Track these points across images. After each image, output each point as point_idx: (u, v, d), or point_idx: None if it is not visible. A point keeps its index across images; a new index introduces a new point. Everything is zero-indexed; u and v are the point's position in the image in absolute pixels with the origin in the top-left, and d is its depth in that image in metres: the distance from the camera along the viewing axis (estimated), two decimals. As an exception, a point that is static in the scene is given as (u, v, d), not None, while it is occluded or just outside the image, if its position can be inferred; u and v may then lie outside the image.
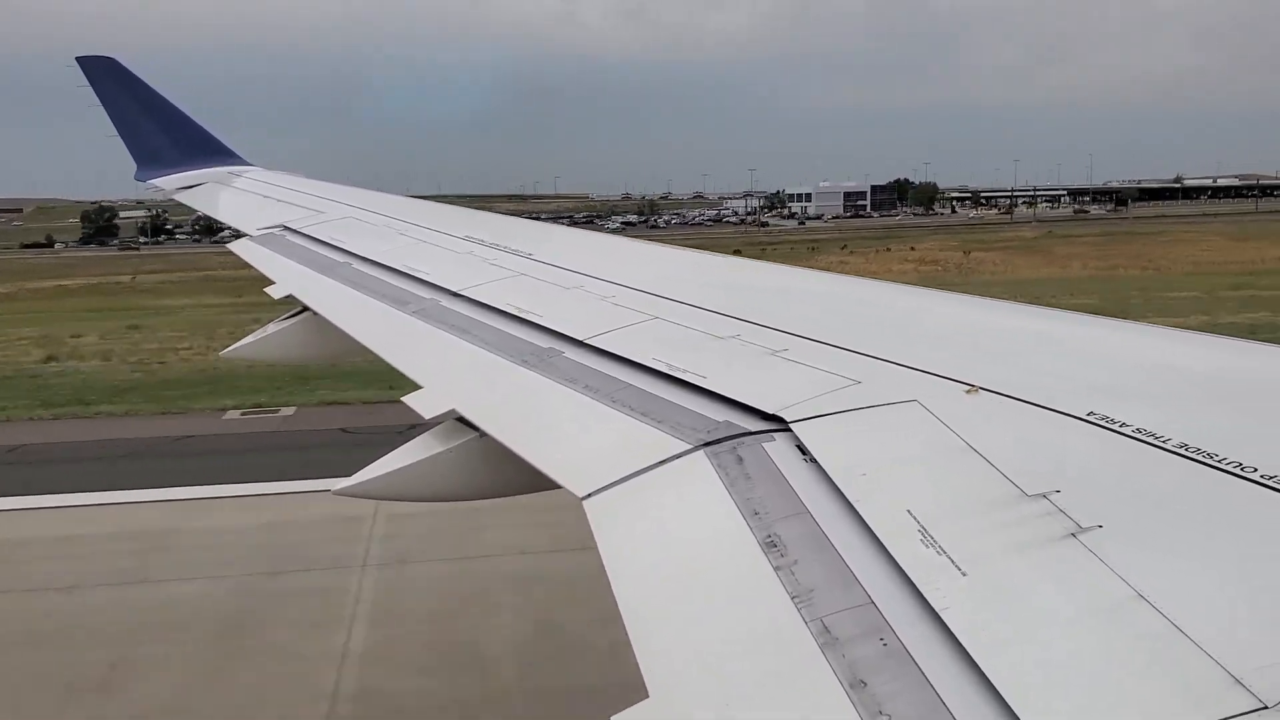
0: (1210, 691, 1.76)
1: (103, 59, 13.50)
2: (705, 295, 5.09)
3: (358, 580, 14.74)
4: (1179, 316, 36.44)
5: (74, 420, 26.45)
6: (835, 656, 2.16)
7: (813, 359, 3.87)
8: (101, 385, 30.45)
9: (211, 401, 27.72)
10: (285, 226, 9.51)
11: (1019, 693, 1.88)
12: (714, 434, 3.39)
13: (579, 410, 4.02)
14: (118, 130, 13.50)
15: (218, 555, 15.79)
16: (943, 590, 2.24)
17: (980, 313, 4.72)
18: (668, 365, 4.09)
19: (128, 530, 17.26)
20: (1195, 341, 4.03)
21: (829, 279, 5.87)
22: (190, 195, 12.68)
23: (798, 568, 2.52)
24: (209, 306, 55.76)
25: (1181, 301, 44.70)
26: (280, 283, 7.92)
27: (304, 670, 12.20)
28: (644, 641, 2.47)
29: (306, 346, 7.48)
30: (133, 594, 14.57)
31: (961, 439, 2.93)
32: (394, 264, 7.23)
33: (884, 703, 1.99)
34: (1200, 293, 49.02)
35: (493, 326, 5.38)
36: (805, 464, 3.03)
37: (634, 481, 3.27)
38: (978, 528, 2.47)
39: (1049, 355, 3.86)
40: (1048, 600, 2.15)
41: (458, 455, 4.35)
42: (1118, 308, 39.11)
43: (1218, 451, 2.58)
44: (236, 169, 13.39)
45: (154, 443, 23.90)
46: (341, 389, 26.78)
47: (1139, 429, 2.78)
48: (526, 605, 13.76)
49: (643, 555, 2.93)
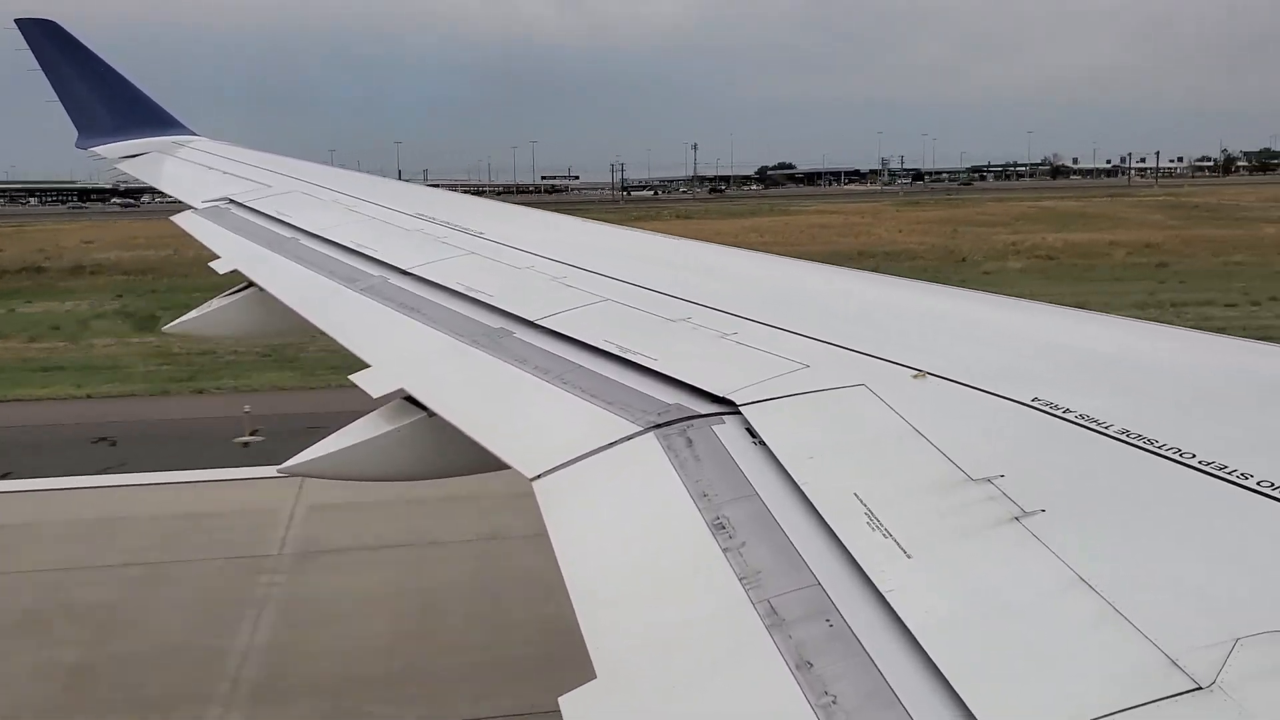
0: (1149, 672, 1.79)
1: (43, 22, 13.14)
2: (657, 277, 5.09)
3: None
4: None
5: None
6: (782, 637, 2.18)
7: (762, 342, 3.89)
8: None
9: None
10: (231, 200, 9.34)
11: (962, 674, 1.91)
12: (664, 416, 3.39)
13: (529, 391, 4.01)
14: (58, 96, 13.16)
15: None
16: (888, 573, 2.26)
17: (929, 298, 4.76)
18: (619, 347, 4.08)
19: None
20: (1138, 331, 4.11)
21: (780, 263, 5.88)
22: (133, 165, 12.40)
23: (746, 549, 2.54)
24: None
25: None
26: (225, 257, 7.79)
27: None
28: (592, 622, 2.47)
29: (252, 323, 7.37)
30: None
31: (908, 423, 2.96)
32: (343, 240, 7.14)
33: (830, 683, 2.01)
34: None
35: (443, 305, 5.33)
36: (754, 447, 3.05)
37: (584, 463, 3.26)
38: (923, 511, 2.50)
39: (995, 342, 3.91)
40: (991, 583, 2.19)
41: (406, 435, 4.32)
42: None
43: (1157, 438, 2.63)
44: (181, 138, 13.12)
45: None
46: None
47: (1081, 415, 2.83)
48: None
49: (592, 536, 2.93)
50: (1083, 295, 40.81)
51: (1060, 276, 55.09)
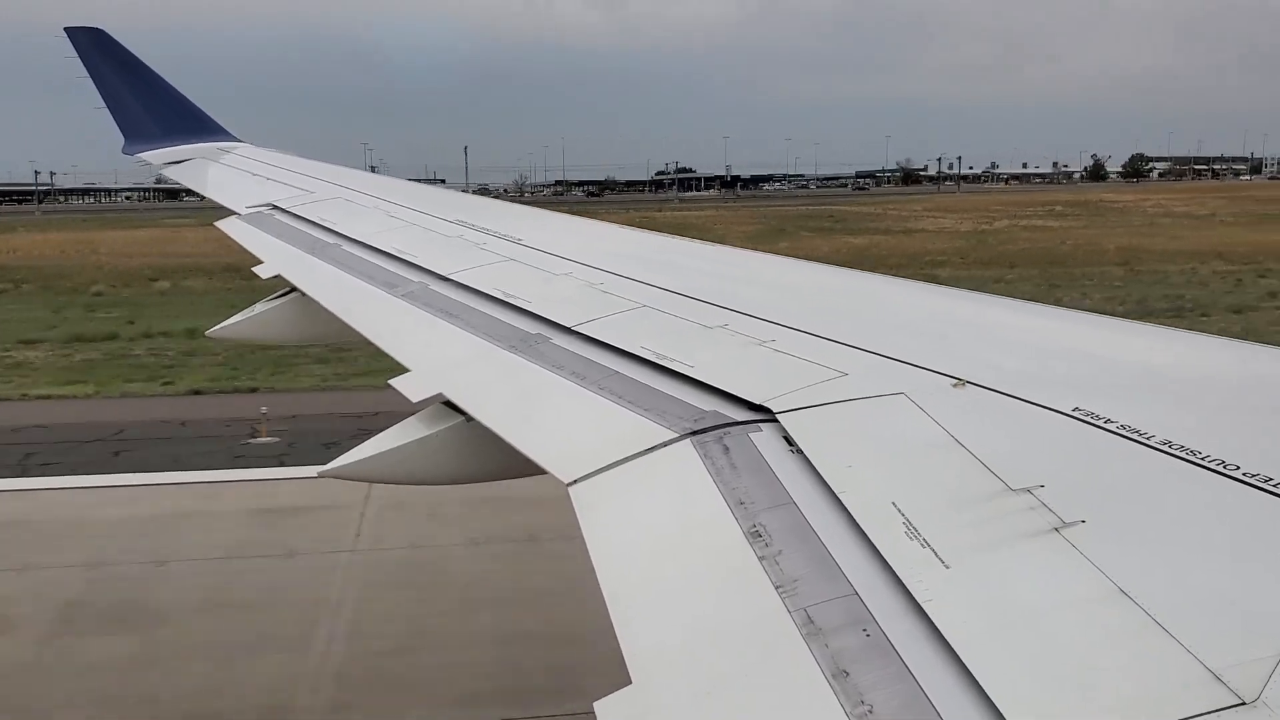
0: (1191, 687, 1.77)
1: (91, 30, 13.36)
2: (694, 284, 5.09)
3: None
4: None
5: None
6: (818, 646, 2.17)
7: (800, 350, 3.88)
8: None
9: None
10: (274, 205, 9.45)
11: (1001, 686, 1.89)
12: (701, 423, 3.39)
13: (566, 396, 4.02)
14: (105, 103, 13.37)
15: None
16: (926, 583, 2.25)
17: (968, 306, 4.73)
18: (655, 354, 4.09)
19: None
20: (1181, 340, 4.06)
21: (818, 270, 5.87)
22: (178, 170, 12.57)
23: (782, 558, 2.53)
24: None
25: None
26: (268, 262, 7.88)
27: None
28: (627, 628, 2.48)
29: (294, 327, 7.45)
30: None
31: (947, 433, 2.94)
32: (383, 246, 7.20)
33: (866, 693, 2.00)
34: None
35: (481, 311, 5.37)
36: (791, 455, 3.04)
37: (620, 469, 3.27)
38: (962, 521, 2.48)
39: (1035, 351, 3.88)
40: (1031, 594, 2.17)
41: (444, 439, 4.35)
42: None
43: (1200, 449, 2.60)
44: (225, 145, 13.29)
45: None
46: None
47: (1123, 426, 2.80)
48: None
49: (627, 542, 2.93)
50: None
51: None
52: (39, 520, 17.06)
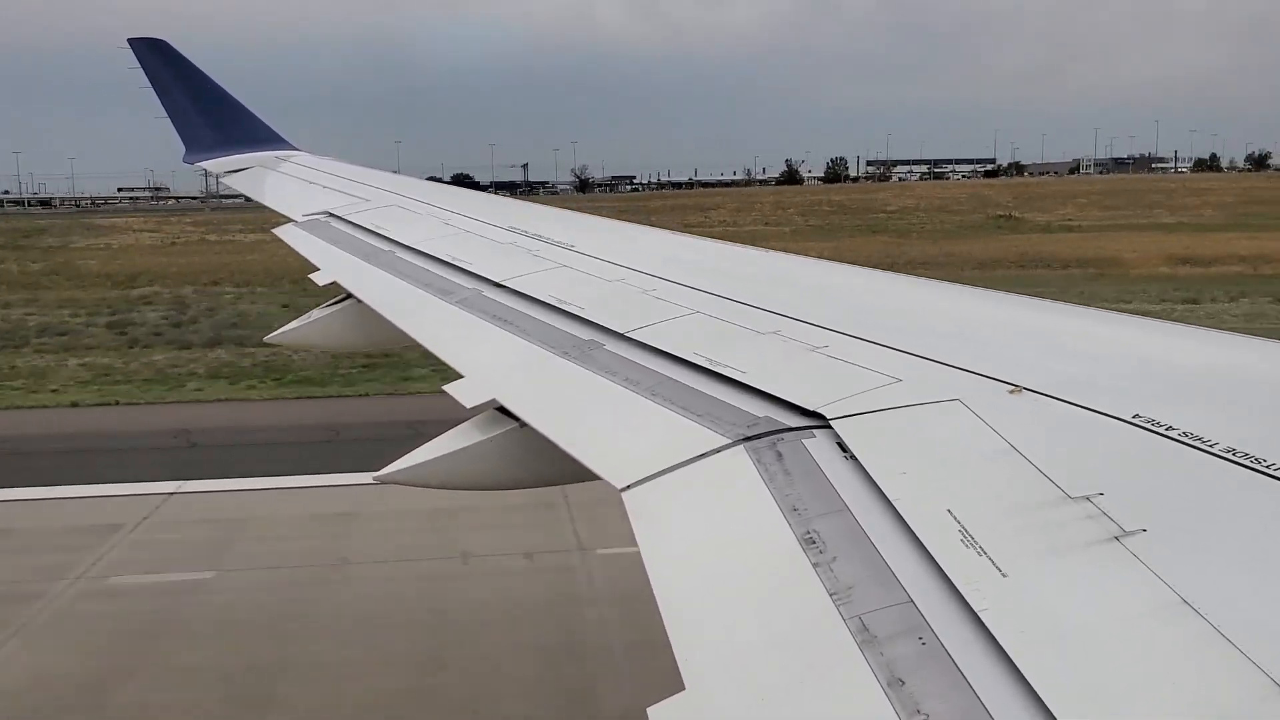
0: (1253, 698, 1.74)
1: (153, 41, 13.66)
2: (746, 290, 5.09)
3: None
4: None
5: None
6: (873, 654, 2.16)
7: (853, 356, 3.86)
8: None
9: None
10: (330, 213, 9.59)
11: (1058, 695, 1.87)
12: (754, 429, 3.39)
13: (619, 402, 4.04)
14: (167, 112, 13.66)
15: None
16: (982, 591, 2.23)
17: (1024, 312, 4.68)
18: (708, 360, 4.09)
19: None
20: (1244, 345, 3.98)
21: (871, 275, 5.83)
22: (237, 179, 12.81)
23: (836, 565, 2.53)
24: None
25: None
26: (325, 269, 8.00)
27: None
28: (681, 634, 2.48)
29: (350, 334, 7.55)
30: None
31: (1004, 439, 2.91)
32: (438, 253, 7.28)
33: (921, 701, 1.99)
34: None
35: (534, 317, 5.40)
36: (845, 461, 3.03)
37: (673, 475, 3.28)
38: (1019, 529, 2.46)
39: (1094, 356, 3.82)
40: (1089, 603, 2.14)
41: (498, 444, 4.39)
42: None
43: (1266, 456, 2.55)
44: (283, 153, 13.50)
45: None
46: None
47: (1185, 432, 2.75)
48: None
49: (681, 548, 2.94)
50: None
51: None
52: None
